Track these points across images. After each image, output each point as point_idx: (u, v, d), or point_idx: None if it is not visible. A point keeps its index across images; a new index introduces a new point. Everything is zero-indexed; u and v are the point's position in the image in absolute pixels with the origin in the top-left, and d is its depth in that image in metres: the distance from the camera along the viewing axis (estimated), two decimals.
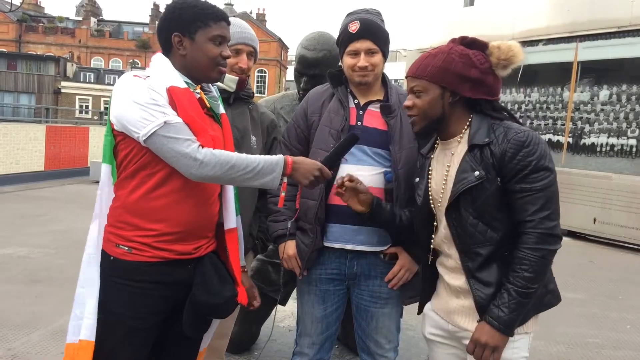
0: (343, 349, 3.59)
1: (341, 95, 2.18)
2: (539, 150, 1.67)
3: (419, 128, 1.81)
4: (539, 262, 1.65)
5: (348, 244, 2.14)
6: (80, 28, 53.38)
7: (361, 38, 2.09)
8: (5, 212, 7.84)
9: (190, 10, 1.75)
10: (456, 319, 1.82)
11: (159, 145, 1.63)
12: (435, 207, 1.84)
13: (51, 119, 21.40)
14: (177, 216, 1.74)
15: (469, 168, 1.71)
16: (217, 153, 1.65)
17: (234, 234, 1.93)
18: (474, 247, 1.73)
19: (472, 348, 1.71)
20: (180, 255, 1.77)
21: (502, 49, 1.75)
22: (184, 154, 1.62)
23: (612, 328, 4.43)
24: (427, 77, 1.76)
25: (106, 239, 1.77)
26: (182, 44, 1.76)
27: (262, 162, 1.70)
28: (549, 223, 1.66)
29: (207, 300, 1.80)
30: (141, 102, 1.63)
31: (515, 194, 1.68)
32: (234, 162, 1.66)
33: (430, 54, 1.80)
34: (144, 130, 1.61)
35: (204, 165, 1.62)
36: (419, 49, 10.69)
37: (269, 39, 50.91)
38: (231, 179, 1.69)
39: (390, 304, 2.19)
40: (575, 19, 8.11)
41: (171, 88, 1.69)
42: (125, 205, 1.73)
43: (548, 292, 1.78)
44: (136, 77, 1.69)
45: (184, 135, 1.64)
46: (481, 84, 1.75)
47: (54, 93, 39.60)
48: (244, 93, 2.36)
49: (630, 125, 7.57)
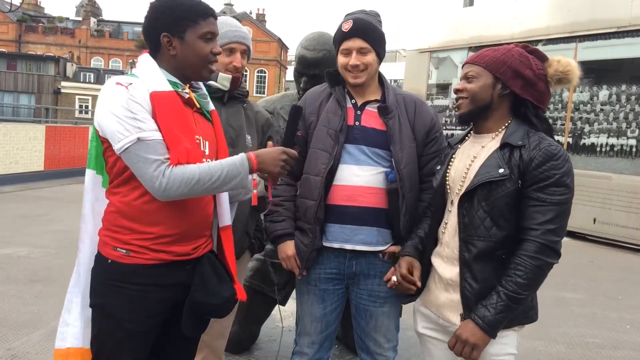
0: (343, 348, 3.59)
1: (339, 95, 2.19)
2: (566, 167, 1.72)
3: (465, 111, 1.85)
4: (534, 271, 1.68)
5: (347, 243, 2.14)
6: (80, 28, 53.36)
7: (353, 37, 2.11)
8: (5, 212, 7.83)
9: (177, 8, 1.71)
10: (445, 313, 1.86)
11: (130, 162, 1.64)
12: (452, 193, 1.87)
13: (51, 119, 21.38)
14: (173, 218, 1.72)
15: (495, 164, 1.75)
16: (181, 172, 1.63)
17: (229, 232, 1.92)
18: (475, 238, 1.76)
19: (454, 343, 1.75)
20: (179, 257, 1.76)
21: (562, 62, 1.82)
22: (149, 178, 1.62)
23: (611, 328, 4.43)
24: (483, 64, 1.82)
25: (103, 242, 1.75)
26: (172, 44, 1.73)
27: (226, 167, 1.69)
28: (553, 237, 1.69)
29: (206, 301, 1.79)
30: (118, 115, 1.61)
31: (529, 200, 1.71)
32: (198, 176, 1.64)
33: (492, 48, 1.87)
34: (118, 144, 1.62)
35: (168, 188, 1.62)
36: (419, 49, 10.70)
37: (268, 39, 50.91)
38: (200, 192, 1.68)
39: (389, 303, 2.20)
40: (575, 19, 8.11)
41: (153, 94, 1.66)
42: (120, 210, 1.71)
43: (533, 306, 1.83)
44: (119, 85, 1.66)
45: (154, 155, 1.62)
46: (532, 86, 1.81)
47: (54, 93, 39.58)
48: (238, 92, 2.36)
49: (630, 125, 7.57)
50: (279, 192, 2.25)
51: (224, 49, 2.27)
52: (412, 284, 1.93)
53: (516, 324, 1.79)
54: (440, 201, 1.92)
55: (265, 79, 51.51)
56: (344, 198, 2.11)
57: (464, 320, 1.76)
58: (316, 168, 2.13)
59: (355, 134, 2.14)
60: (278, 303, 3.33)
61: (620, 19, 7.55)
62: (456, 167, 1.88)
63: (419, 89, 10.17)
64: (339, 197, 2.12)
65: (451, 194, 1.87)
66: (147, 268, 1.72)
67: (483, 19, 9.49)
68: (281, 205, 2.24)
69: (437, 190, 1.92)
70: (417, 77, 10.60)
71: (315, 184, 2.12)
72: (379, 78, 2.23)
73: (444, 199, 1.90)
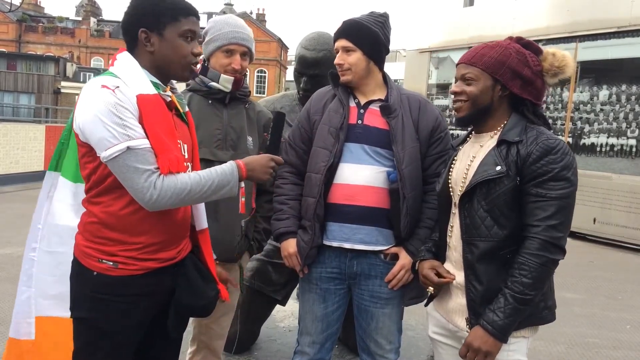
0: (343, 349, 3.59)
1: (341, 94, 2.19)
2: (565, 160, 1.67)
3: (465, 114, 1.82)
4: (539, 269, 1.64)
5: (346, 242, 2.14)
6: (80, 28, 53.34)
7: (339, 37, 2.17)
8: (5, 212, 7.84)
9: (158, 5, 1.66)
10: (454, 318, 1.83)
11: (118, 172, 1.57)
12: (454, 195, 1.85)
13: (51, 119, 21.36)
14: (158, 226, 1.68)
15: (492, 162, 1.73)
16: (173, 183, 1.59)
17: (206, 234, 1.91)
18: (477, 239, 1.73)
19: (465, 352, 1.70)
20: (165, 262, 1.73)
21: (557, 56, 1.79)
22: (140, 188, 1.56)
23: (611, 328, 4.43)
24: (481, 66, 1.78)
25: (84, 254, 1.67)
26: (150, 40, 1.67)
27: (216, 176, 1.67)
28: (555, 233, 1.65)
29: (193, 302, 1.77)
30: (105, 121, 1.53)
31: (529, 197, 1.68)
32: (190, 187, 1.62)
33: (487, 45, 1.82)
34: (105, 152, 1.54)
35: (160, 197, 1.58)
36: (419, 49, 10.70)
37: (268, 39, 50.88)
38: (191, 202, 1.66)
39: (391, 305, 2.19)
40: (575, 19, 8.11)
41: (139, 97, 1.60)
42: (104, 221, 1.64)
43: (546, 307, 1.77)
44: (104, 87, 1.57)
45: (144, 165, 1.57)
46: (530, 85, 1.78)
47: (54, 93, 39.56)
48: (240, 92, 2.34)
49: (630, 125, 7.57)
50: (284, 191, 2.26)
51: (222, 50, 2.26)
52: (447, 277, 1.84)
53: (527, 324, 1.74)
54: (446, 204, 1.89)
55: (265, 79, 51.50)
56: (344, 197, 2.11)
57: (472, 325, 1.72)
58: (317, 165, 2.14)
59: (357, 132, 2.14)
60: (278, 303, 3.34)
61: (620, 19, 7.55)
62: (457, 168, 1.86)
63: (419, 89, 10.16)
64: (340, 196, 2.12)
65: (454, 196, 1.85)
66: (136, 279, 1.67)
67: (483, 19, 9.49)
68: (286, 203, 2.25)
69: (440, 193, 1.90)
70: (417, 77, 10.60)
71: (316, 182, 2.12)
72: (384, 77, 2.23)
73: (448, 202, 1.88)
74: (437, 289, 1.87)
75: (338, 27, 2.19)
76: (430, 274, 1.86)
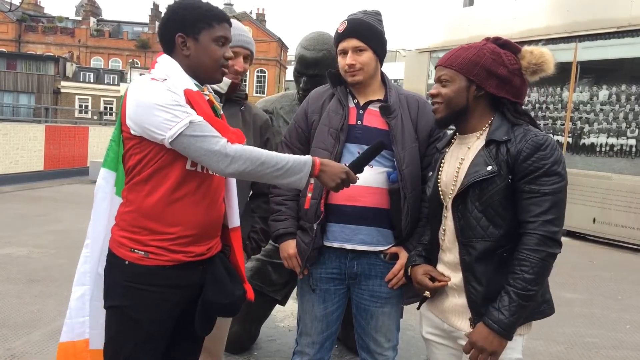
0: (343, 349, 3.59)
1: (340, 94, 2.19)
2: (555, 155, 1.69)
3: (441, 116, 1.83)
4: (540, 264, 1.65)
5: (348, 243, 2.14)
6: (80, 28, 53.37)
7: (348, 37, 2.13)
8: (5, 212, 7.83)
9: (194, 11, 1.76)
10: (450, 318, 1.83)
11: (186, 145, 1.62)
12: (445, 199, 1.85)
13: (51, 119, 21.38)
14: (192, 218, 1.74)
15: (483, 162, 1.73)
16: (247, 149, 1.66)
17: (238, 233, 1.95)
18: (473, 240, 1.73)
19: (469, 349, 1.70)
20: (195, 257, 1.78)
21: (535, 53, 1.78)
22: (214, 152, 1.62)
23: (611, 328, 4.43)
24: (455, 67, 1.79)
25: (119, 244, 1.74)
26: (186, 45, 1.76)
27: (291, 161, 1.70)
28: (551, 227, 1.66)
29: (219, 300, 1.81)
30: (164, 105, 1.62)
31: (522, 194, 1.69)
32: (264, 158, 1.66)
33: (462, 47, 1.83)
34: (170, 132, 1.60)
35: (235, 160, 1.63)
36: (419, 49, 10.70)
37: (268, 39, 50.91)
38: (260, 175, 1.68)
39: (390, 304, 2.20)
40: (575, 19, 8.11)
41: (186, 91, 1.69)
42: (141, 210, 1.71)
43: (544, 301, 1.78)
44: (154, 80, 1.68)
45: (211, 133, 1.64)
46: (507, 83, 1.78)
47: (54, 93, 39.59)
48: (236, 95, 2.36)
49: (629, 125, 7.57)
50: (282, 192, 2.26)
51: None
52: (442, 280, 1.84)
53: (528, 319, 1.75)
54: (437, 207, 1.89)
55: (265, 79, 51.51)
56: (345, 197, 2.11)
57: (475, 323, 1.72)
58: None
59: (357, 133, 2.14)
60: (278, 303, 3.34)
61: (620, 19, 7.55)
62: (446, 171, 1.86)
63: (418, 89, 10.16)
64: (340, 196, 2.11)
65: (445, 198, 1.85)
66: (165, 269, 1.73)
67: (483, 19, 9.49)
68: (284, 204, 2.25)
69: (431, 197, 1.90)
70: (417, 77, 10.60)
71: (316, 183, 2.12)
72: (382, 78, 2.23)
73: (439, 205, 1.88)
74: (433, 292, 1.87)
75: (345, 27, 2.14)
76: (425, 280, 1.87)
